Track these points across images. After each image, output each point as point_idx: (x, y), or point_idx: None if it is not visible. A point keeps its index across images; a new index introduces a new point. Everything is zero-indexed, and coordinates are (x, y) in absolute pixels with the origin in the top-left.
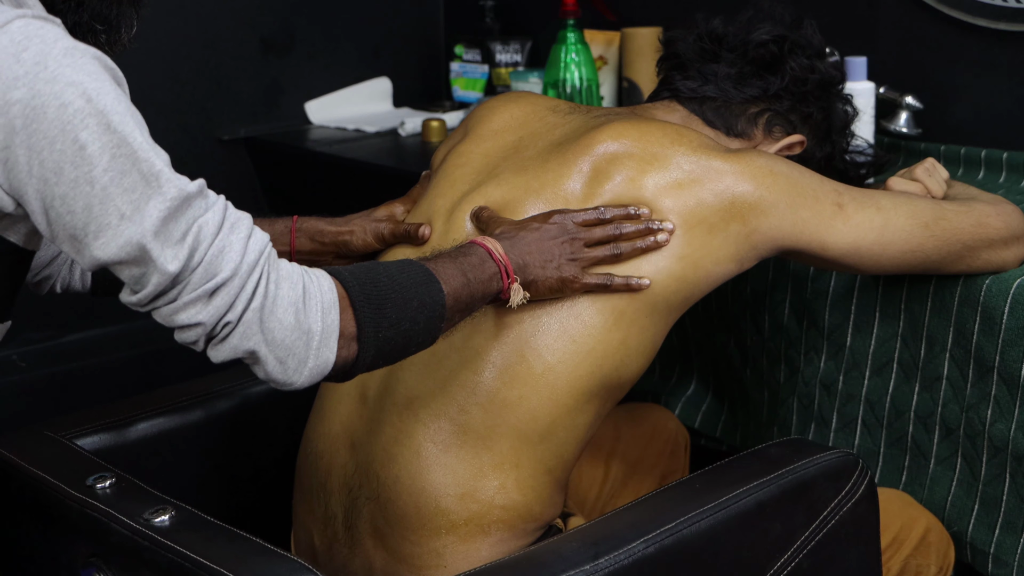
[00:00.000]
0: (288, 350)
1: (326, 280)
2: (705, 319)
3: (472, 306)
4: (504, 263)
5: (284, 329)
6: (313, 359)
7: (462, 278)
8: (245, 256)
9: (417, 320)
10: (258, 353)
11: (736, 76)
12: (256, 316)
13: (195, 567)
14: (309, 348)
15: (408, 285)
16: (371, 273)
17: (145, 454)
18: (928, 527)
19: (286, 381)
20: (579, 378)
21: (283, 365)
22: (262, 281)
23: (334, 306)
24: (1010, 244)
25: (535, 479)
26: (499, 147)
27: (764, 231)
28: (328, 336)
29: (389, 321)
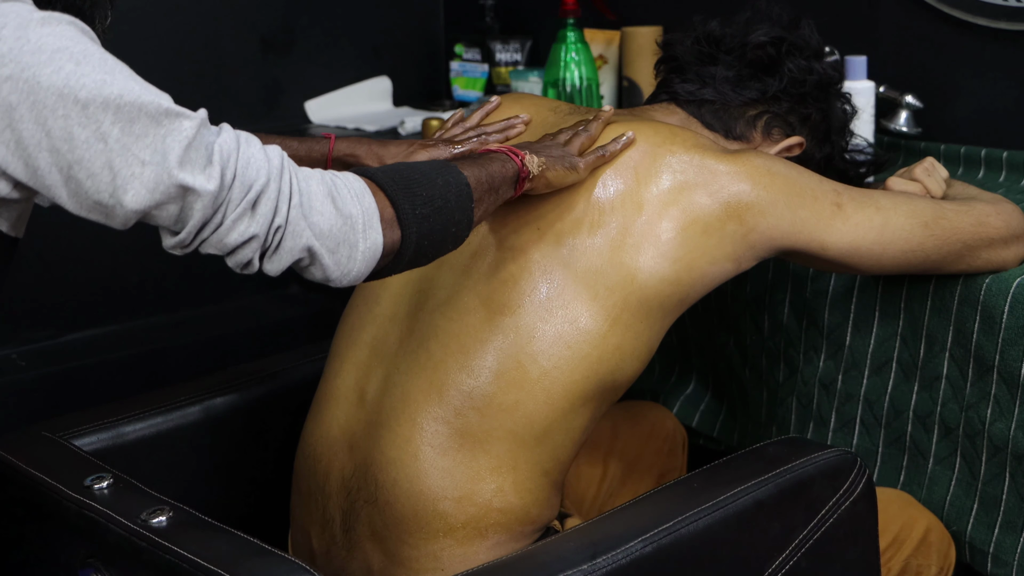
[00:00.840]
0: (337, 239)
1: (349, 174)
2: (705, 318)
3: (496, 188)
4: (505, 148)
5: (327, 219)
6: (363, 242)
7: (474, 164)
8: (271, 161)
9: (448, 197)
10: (313, 248)
11: (734, 79)
12: (300, 213)
13: (193, 568)
14: (356, 232)
15: (427, 170)
16: (389, 166)
17: (143, 454)
18: (929, 527)
19: (343, 273)
20: (575, 382)
21: (336, 255)
22: (294, 180)
23: (366, 191)
24: (1010, 243)
25: (532, 482)
26: None
27: (762, 231)
28: (370, 217)
29: (422, 199)
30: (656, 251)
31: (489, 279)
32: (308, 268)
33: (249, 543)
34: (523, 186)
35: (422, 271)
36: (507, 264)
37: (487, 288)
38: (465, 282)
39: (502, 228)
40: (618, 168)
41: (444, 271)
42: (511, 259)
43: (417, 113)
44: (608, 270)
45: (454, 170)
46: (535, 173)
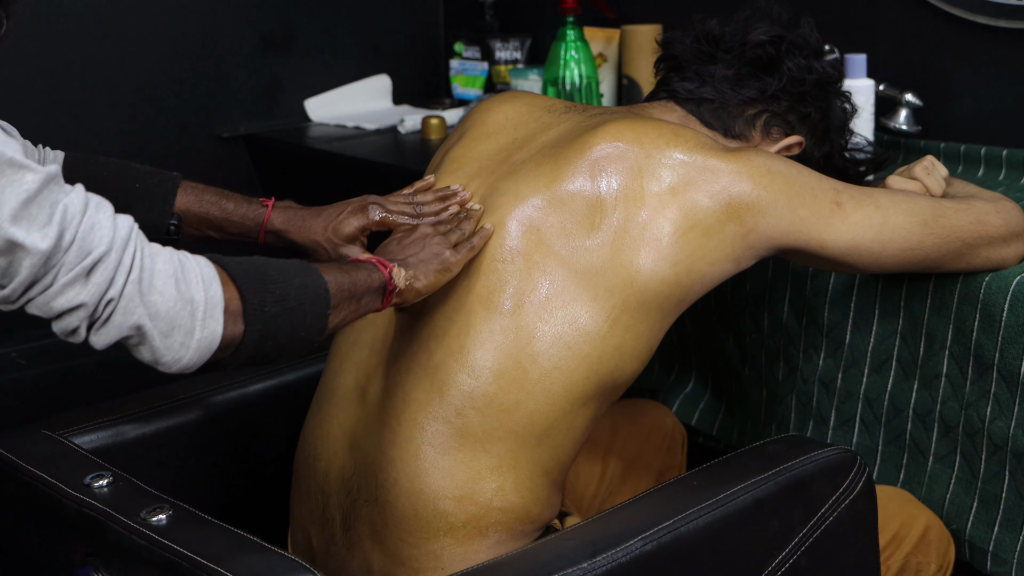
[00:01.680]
0: (172, 322)
1: (201, 258)
2: (704, 316)
3: (358, 296)
4: (375, 259)
5: (166, 300)
6: (200, 330)
7: (339, 270)
8: (117, 231)
9: (303, 300)
10: (144, 328)
11: (733, 78)
12: (136, 288)
13: (192, 566)
14: (195, 319)
15: (288, 269)
16: (247, 258)
17: (143, 453)
18: (928, 525)
19: (173, 359)
20: (575, 383)
21: (169, 339)
22: (137, 254)
23: (215, 279)
24: (1010, 242)
25: (533, 481)
26: (492, 149)
27: (762, 231)
28: (213, 307)
29: (274, 297)
30: (656, 254)
31: (489, 279)
32: (137, 347)
33: (249, 541)
34: (390, 299)
35: None
36: (507, 264)
37: (487, 288)
38: (464, 281)
39: (502, 228)
40: (620, 168)
41: None
42: (511, 260)
43: (417, 111)
44: (608, 271)
45: (315, 273)
46: (402, 287)
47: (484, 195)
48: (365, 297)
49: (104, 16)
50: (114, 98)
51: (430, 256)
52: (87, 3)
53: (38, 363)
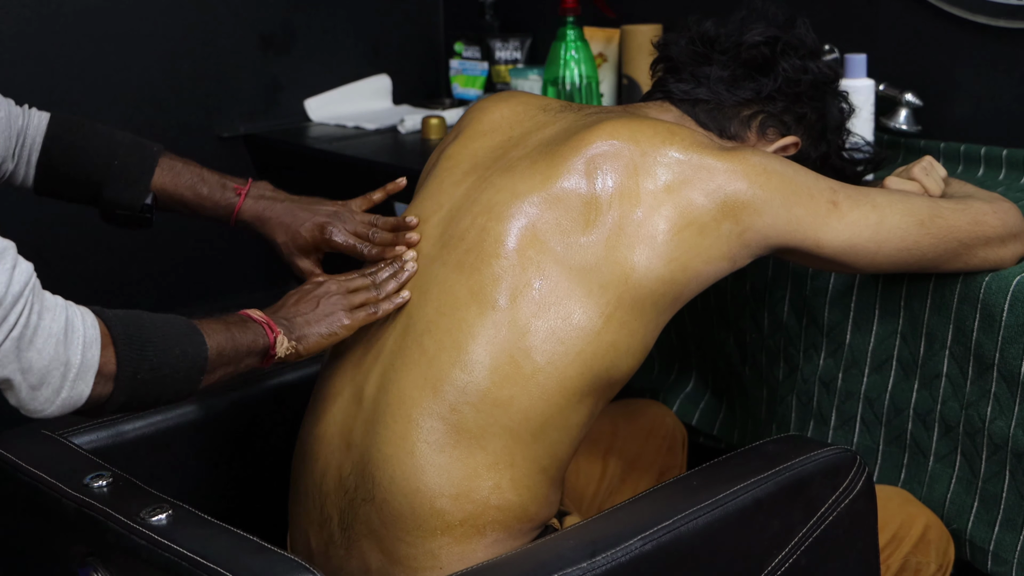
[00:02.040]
0: (43, 379)
1: (90, 316)
2: (704, 316)
3: (239, 360)
4: (266, 321)
5: (43, 359)
6: (67, 391)
7: (226, 333)
8: (10, 287)
9: (178, 368)
10: (12, 381)
11: (728, 79)
12: (14, 346)
13: (192, 566)
14: (65, 380)
15: (172, 335)
16: (136, 318)
17: (142, 453)
18: (928, 524)
19: (37, 410)
20: (569, 378)
21: (35, 392)
22: (25, 311)
23: (96, 342)
24: (1007, 242)
25: (530, 478)
26: (487, 148)
27: (758, 229)
28: (86, 370)
29: (150, 364)
30: (651, 251)
31: (483, 274)
32: (5, 392)
33: (249, 541)
34: (270, 362)
35: (417, 268)
36: (501, 259)
37: (481, 284)
38: (459, 277)
39: (497, 224)
40: (615, 166)
41: (438, 266)
42: (505, 255)
43: (417, 111)
44: (602, 267)
45: (199, 341)
46: (282, 356)
47: (479, 191)
48: (246, 359)
49: (104, 16)
50: (114, 98)
51: (322, 317)
52: (87, 3)
53: None
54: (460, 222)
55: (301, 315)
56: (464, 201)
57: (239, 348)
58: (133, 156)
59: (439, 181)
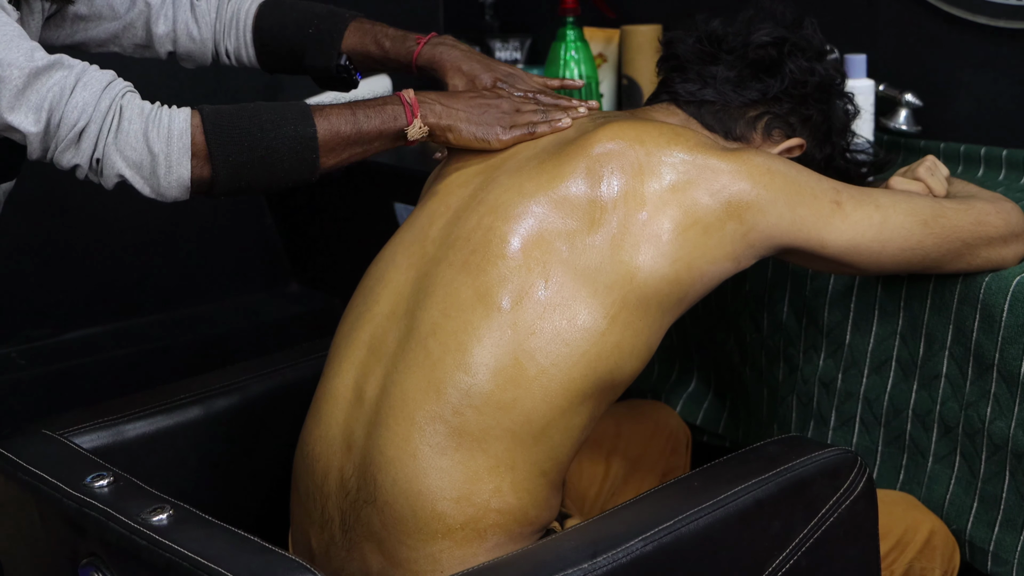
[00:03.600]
0: (147, 169)
1: (183, 113)
2: (705, 316)
3: (365, 141)
4: (412, 104)
5: (137, 154)
6: (167, 175)
7: (349, 116)
8: (97, 105)
9: (278, 149)
10: (125, 175)
11: (735, 79)
12: (113, 148)
13: (193, 566)
14: (160, 167)
15: (272, 119)
16: (237, 109)
17: (143, 453)
18: (933, 530)
19: (158, 194)
20: (573, 380)
21: (149, 181)
22: (115, 119)
23: (185, 132)
24: (1009, 242)
25: (530, 481)
26: None
27: (762, 229)
28: (180, 155)
29: (239, 147)
30: (656, 251)
31: (488, 276)
32: (133, 187)
33: (250, 541)
34: (408, 142)
35: (419, 268)
36: (507, 260)
37: (486, 285)
38: (464, 278)
39: (503, 224)
40: (621, 167)
41: (443, 267)
42: (511, 255)
43: None
44: (607, 268)
45: (306, 122)
46: (415, 138)
47: (486, 192)
48: (376, 141)
49: None
50: None
51: (483, 121)
52: None
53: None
54: (466, 222)
55: (465, 110)
56: (470, 202)
57: (363, 131)
58: (326, 23)
59: (447, 183)
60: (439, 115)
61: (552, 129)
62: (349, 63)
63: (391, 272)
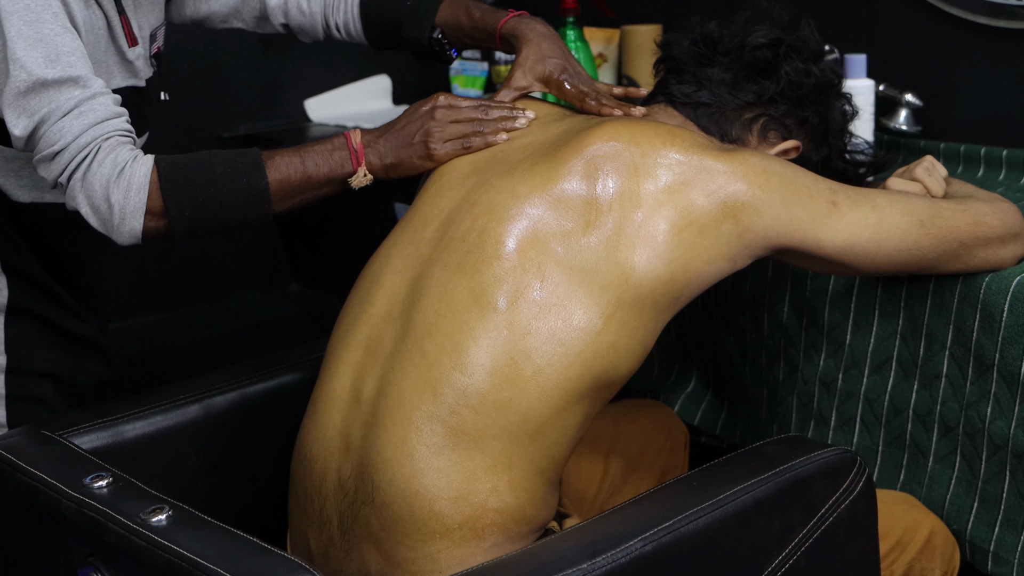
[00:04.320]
0: (102, 215)
1: (145, 167)
2: (705, 316)
3: (314, 188)
4: (358, 150)
5: (97, 199)
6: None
7: (299, 166)
8: (79, 138)
9: (230, 202)
10: (81, 211)
11: (731, 81)
12: (79, 184)
13: (192, 567)
14: (114, 217)
15: (224, 174)
16: (194, 161)
17: (142, 453)
18: (933, 530)
19: (110, 235)
20: (569, 379)
21: (104, 224)
22: (88, 158)
23: (143, 188)
24: (1007, 242)
25: (528, 480)
26: (488, 151)
27: (758, 230)
28: (134, 210)
29: (195, 202)
30: (651, 251)
31: (483, 276)
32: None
33: (249, 542)
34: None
35: (414, 270)
36: (501, 261)
37: (481, 285)
38: (459, 279)
39: (497, 225)
40: (616, 168)
41: (438, 269)
42: (505, 256)
43: None
44: (603, 268)
45: (257, 174)
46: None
47: (479, 193)
48: (325, 187)
49: None
50: None
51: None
52: None
53: None
54: (460, 224)
55: (398, 138)
56: (464, 203)
57: (312, 178)
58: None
59: (439, 185)
60: (381, 156)
61: (486, 144)
62: (442, 37)
63: (386, 274)
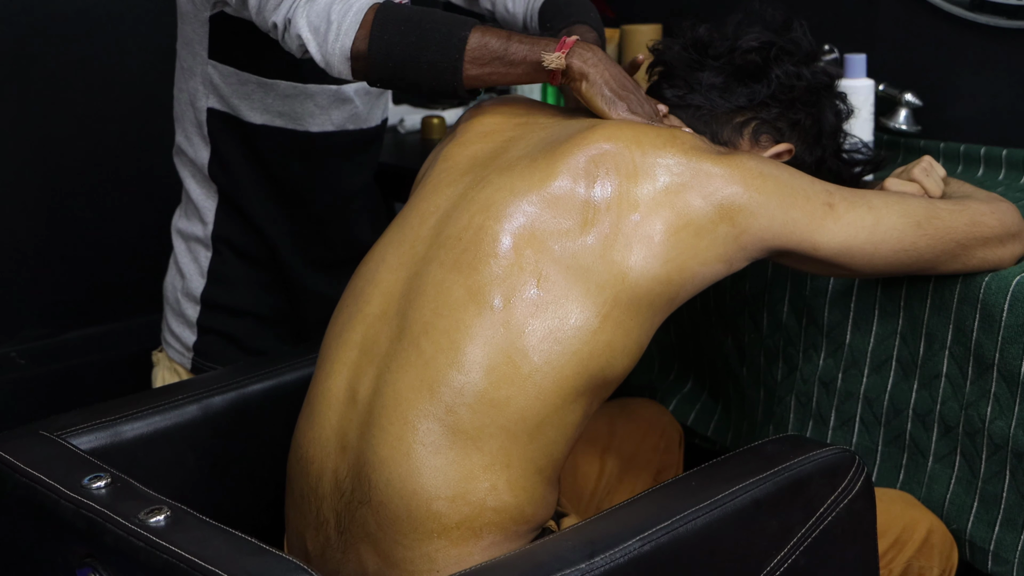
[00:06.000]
0: (322, 35)
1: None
2: (704, 316)
3: (510, 64)
4: (567, 47)
5: (317, 20)
6: (335, 41)
7: (504, 39)
8: None
9: (427, 40)
10: (304, 38)
11: (721, 85)
12: (302, 12)
13: (190, 567)
14: (331, 33)
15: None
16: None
17: (141, 454)
18: (931, 528)
19: (324, 60)
20: (566, 378)
21: (321, 47)
22: None
23: (361, 11)
24: (1005, 242)
25: (526, 479)
26: (486, 149)
27: (754, 232)
28: (349, 27)
29: (397, 31)
30: (647, 251)
31: (480, 274)
32: (308, 52)
33: (247, 543)
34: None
35: (410, 268)
36: (498, 259)
37: (478, 284)
38: (456, 277)
39: (494, 223)
40: (615, 168)
41: (435, 267)
42: (502, 254)
43: (416, 111)
44: (599, 268)
45: (462, 27)
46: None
47: (476, 191)
48: (520, 66)
49: (105, 16)
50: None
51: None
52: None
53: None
54: (457, 221)
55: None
56: (460, 200)
57: (510, 52)
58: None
59: (435, 182)
60: (585, 60)
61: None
62: None
63: (381, 272)
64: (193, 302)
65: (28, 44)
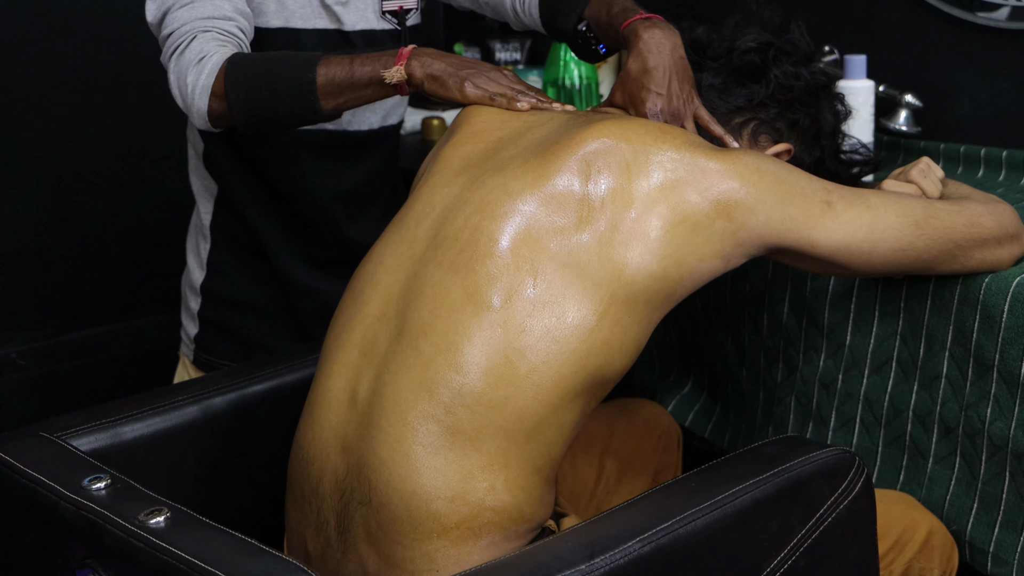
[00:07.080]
0: (183, 92)
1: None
2: (704, 317)
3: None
4: (404, 54)
5: (181, 78)
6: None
7: (347, 66)
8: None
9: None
10: (171, 89)
11: (720, 86)
12: (173, 64)
13: (190, 568)
14: (188, 95)
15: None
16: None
17: (141, 455)
18: (931, 530)
19: (187, 112)
20: (564, 377)
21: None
22: (183, 44)
23: (213, 72)
24: (1003, 243)
25: (524, 479)
26: (479, 150)
27: (751, 228)
28: (203, 90)
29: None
30: (644, 248)
31: (477, 275)
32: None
33: (247, 544)
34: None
35: (408, 269)
36: (495, 259)
37: (475, 284)
38: (453, 278)
39: (491, 223)
40: (609, 165)
41: (432, 267)
42: (499, 254)
43: (416, 112)
44: (596, 265)
45: (308, 68)
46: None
47: (471, 191)
48: (369, 88)
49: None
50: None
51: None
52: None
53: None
54: (453, 222)
55: (450, 65)
56: (456, 201)
57: (356, 78)
58: None
59: (431, 184)
60: (423, 64)
61: (508, 104)
62: (587, 30)
63: (380, 273)
64: (195, 294)
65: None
